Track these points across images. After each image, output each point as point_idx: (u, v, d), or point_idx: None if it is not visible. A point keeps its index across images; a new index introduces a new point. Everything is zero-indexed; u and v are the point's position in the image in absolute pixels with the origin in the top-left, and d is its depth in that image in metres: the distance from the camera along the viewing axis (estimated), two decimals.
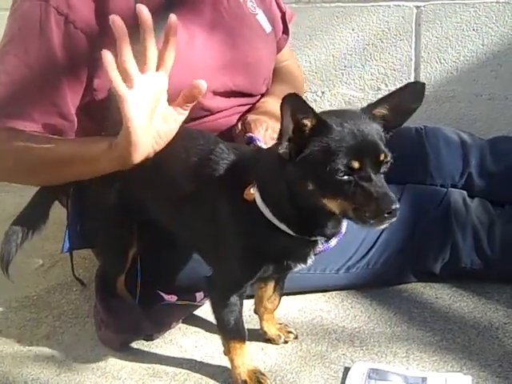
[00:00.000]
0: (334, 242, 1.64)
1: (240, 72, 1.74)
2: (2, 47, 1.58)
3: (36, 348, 1.66)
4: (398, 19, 2.58)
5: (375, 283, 1.79)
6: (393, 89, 2.55)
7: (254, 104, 1.79)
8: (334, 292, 1.80)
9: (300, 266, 1.42)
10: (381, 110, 1.28)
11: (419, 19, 2.56)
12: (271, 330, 1.61)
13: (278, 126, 1.67)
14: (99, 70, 1.56)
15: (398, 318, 1.68)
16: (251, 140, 1.59)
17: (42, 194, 1.63)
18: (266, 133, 1.63)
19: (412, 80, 2.60)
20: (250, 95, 1.78)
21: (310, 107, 1.20)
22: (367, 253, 1.76)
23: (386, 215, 1.20)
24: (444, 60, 2.57)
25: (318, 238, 1.36)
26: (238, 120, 1.73)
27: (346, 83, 2.69)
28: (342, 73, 2.68)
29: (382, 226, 1.24)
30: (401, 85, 2.58)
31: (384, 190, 1.21)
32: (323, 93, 2.72)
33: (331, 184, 1.21)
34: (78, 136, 1.61)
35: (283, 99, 1.17)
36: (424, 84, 1.28)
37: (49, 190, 1.63)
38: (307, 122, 1.20)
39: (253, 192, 1.33)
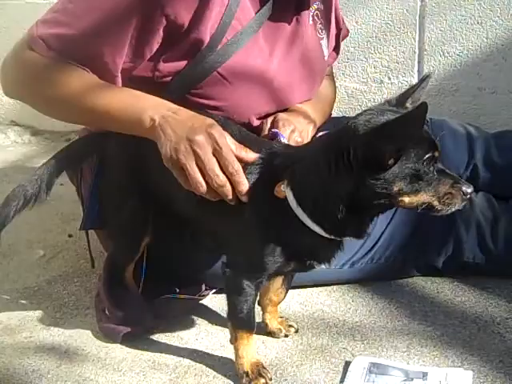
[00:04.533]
0: None
1: (287, 100, 1.70)
2: None
3: (37, 339, 1.65)
4: (401, 12, 2.57)
5: (379, 278, 1.79)
6: (396, 82, 2.63)
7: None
8: (335, 286, 1.80)
9: (323, 266, 1.42)
10: (407, 104, 1.34)
11: (423, 12, 2.55)
12: (273, 323, 1.61)
13: (306, 130, 1.69)
14: (169, 52, 1.54)
15: (399, 312, 1.68)
16: (275, 135, 1.58)
17: (48, 166, 1.60)
18: (292, 134, 1.62)
19: (415, 73, 2.60)
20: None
21: None
22: (372, 248, 1.76)
23: (468, 197, 1.28)
24: (448, 53, 2.56)
25: (349, 238, 1.36)
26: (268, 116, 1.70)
27: (349, 76, 2.69)
28: (344, 65, 2.67)
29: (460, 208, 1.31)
30: (404, 78, 2.59)
31: (457, 176, 1.30)
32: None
33: (418, 180, 1.24)
34: None
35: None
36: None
37: (56, 163, 1.60)
38: None
39: (283, 190, 1.33)
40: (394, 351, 1.52)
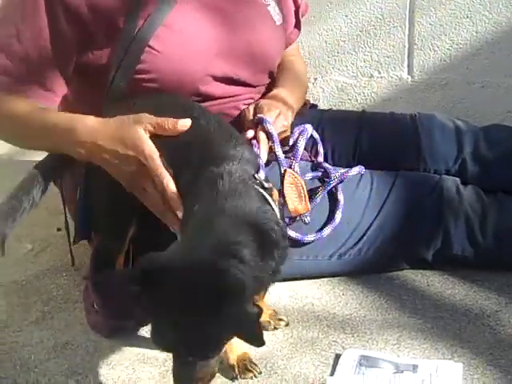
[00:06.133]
0: (327, 230, 1.64)
1: (242, 61, 1.73)
2: None
3: (25, 333, 1.64)
4: (391, 5, 2.55)
5: (367, 270, 1.78)
6: (386, 76, 2.63)
7: (255, 94, 1.79)
8: (325, 279, 1.79)
9: None
10: None
11: (413, 6, 2.54)
12: (262, 316, 1.60)
13: (289, 115, 1.69)
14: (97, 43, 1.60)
15: (389, 305, 1.68)
16: (261, 121, 1.58)
17: (40, 168, 1.59)
18: (278, 118, 1.64)
19: (405, 67, 2.59)
20: (251, 85, 1.77)
21: None
22: (360, 240, 1.75)
23: None
24: (437, 47, 2.55)
25: None
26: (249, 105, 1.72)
27: (338, 70, 2.67)
28: (334, 59, 2.66)
29: None
30: (394, 72, 2.58)
31: None
32: (315, 79, 2.70)
33: None
34: (70, 98, 1.67)
35: None
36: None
37: (47, 165, 1.60)
38: None
39: None
40: (385, 344, 1.52)
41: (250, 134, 1.61)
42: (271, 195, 1.35)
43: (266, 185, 1.35)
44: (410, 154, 1.90)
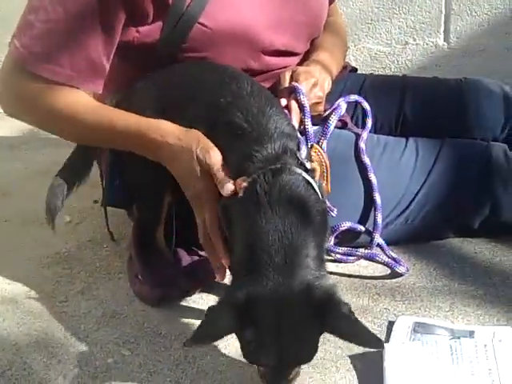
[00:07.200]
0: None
1: (290, 31, 1.68)
2: None
3: (72, 303, 1.63)
4: None
5: (413, 239, 1.76)
6: (421, 43, 2.57)
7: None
8: None
9: None
10: None
11: None
12: None
13: (327, 82, 1.65)
14: (147, 19, 1.53)
15: (438, 272, 1.66)
16: (294, 90, 1.54)
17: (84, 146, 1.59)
18: (313, 89, 1.59)
19: (441, 34, 2.54)
20: (296, 54, 1.73)
21: None
22: (406, 209, 1.72)
23: None
24: (475, 12, 2.50)
25: None
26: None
27: (372, 37, 2.64)
28: (368, 27, 2.62)
29: None
30: (430, 39, 2.52)
31: None
32: (348, 47, 2.65)
33: None
34: (110, 79, 1.58)
35: None
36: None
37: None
38: None
39: None
40: (437, 311, 1.51)
41: (283, 102, 1.55)
42: (313, 177, 1.30)
43: (308, 165, 1.30)
44: (456, 123, 1.86)
